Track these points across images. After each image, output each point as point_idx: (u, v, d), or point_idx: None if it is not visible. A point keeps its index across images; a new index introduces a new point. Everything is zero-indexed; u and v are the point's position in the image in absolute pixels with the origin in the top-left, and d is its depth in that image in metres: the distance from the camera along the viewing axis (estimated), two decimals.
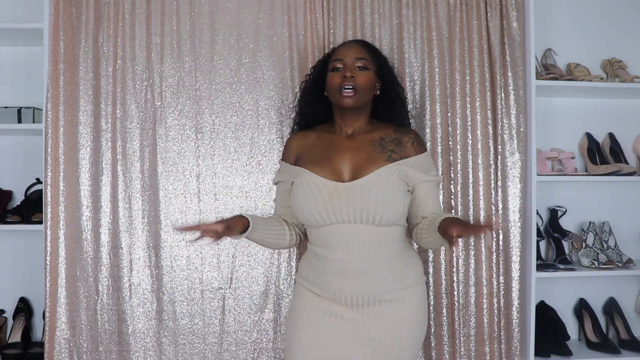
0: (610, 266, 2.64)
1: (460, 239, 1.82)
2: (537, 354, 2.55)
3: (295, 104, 2.12)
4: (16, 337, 2.51)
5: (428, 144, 2.48)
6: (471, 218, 2.50)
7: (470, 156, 2.51)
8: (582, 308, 2.82)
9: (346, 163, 1.87)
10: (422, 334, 1.92)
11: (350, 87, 1.86)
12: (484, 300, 2.50)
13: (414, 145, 1.93)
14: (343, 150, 1.90)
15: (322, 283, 1.86)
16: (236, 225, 1.80)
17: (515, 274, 2.51)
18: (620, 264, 2.65)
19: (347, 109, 1.89)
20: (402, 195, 1.85)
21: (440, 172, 2.48)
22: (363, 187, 1.81)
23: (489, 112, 2.52)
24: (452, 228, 1.62)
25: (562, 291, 2.83)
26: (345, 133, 1.94)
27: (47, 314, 2.35)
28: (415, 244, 2.14)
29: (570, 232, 2.78)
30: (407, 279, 1.89)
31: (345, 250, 1.82)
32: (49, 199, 2.33)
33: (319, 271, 1.87)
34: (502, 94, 2.52)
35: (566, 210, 2.81)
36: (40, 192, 2.54)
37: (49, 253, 2.34)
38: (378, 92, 1.97)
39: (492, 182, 2.52)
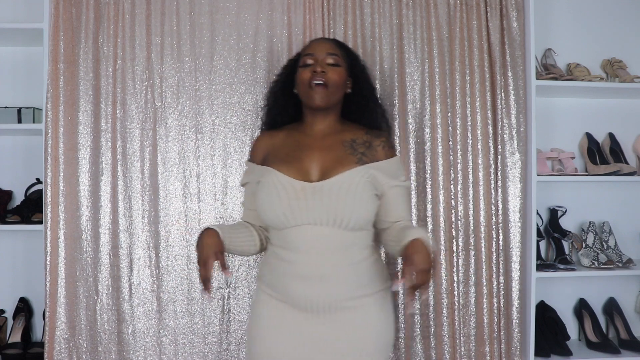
0: (610, 266, 2.64)
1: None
2: (537, 354, 2.55)
3: (264, 103, 2.02)
4: (16, 337, 2.51)
5: (428, 144, 2.49)
6: (471, 219, 2.50)
7: (470, 156, 2.51)
8: (582, 308, 2.82)
9: (315, 162, 1.77)
10: (388, 341, 1.83)
11: (321, 81, 1.77)
12: (484, 300, 2.50)
13: (384, 149, 1.83)
14: (312, 149, 1.80)
15: (283, 287, 1.77)
16: (219, 245, 1.67)
17: (515, 274, 2.51)
18: (620, 264, 2.65)
19: (317, 107, 1.80)
20: (371, 200, 1.75)
21: (412, 177, 2.45)
22: (331, 188, 1.71)
23: (489, 112, 2.52)
24: (406, 279, 1.52)
25: (562, 291, 2.83)
26: (315, 132, 1.85)
27: (47, 314, 2.35)
28: (382, 248, 2.06)
29: (570, 232, 2.78)
30: (372, 285, 1.79)
31: (309, 253, 1.72)
32: (49, 199, 2.33)
33: (280, 275, 1.78)
34: (502, 94, 2.53)
35: (566, 210, 2.81)
36: (40, 192, 2.55)
37: (49, 253, 2.34)
38: (349, 90, 1.88)
39: (492, 182, 2.52)
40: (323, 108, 1.82)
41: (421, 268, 1.53)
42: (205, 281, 1.61)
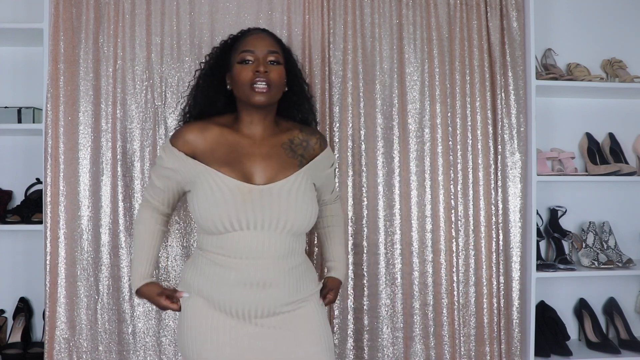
0: (610, 266, 2.64)
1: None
2: (537, 354, 2.55)
3: (189, 93, 1.89)
4: (16, 337, 2.51)
5: (428, 144, 2.49)
6: (471, 218, 2.50)
7: (470, 156, 2.51)
8: (582, 308, 2.82)
9: (257, 166, 1.73)
10: (331, 341, 1.81)
11: (264, 83, 1.69)
12: (484, 300, 2.50)
13: (319, 145, 1.84)
14: (253, 152, 1.75)
15: (219, 295, 1.69)
16: (157, 289, 1.81)
17: (515, 274, 2.51)
18: (620, 264, 2.66)
19: (258, 106, 1.73)
20: (313, 203, 1.75)
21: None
22: (279, 192, 1.69)
23: (489, 112, 2.52)
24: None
25: (562, 291, 2.83)
26: (253, 133, 1.77)
27: (47, 314, 2.35)
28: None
29: (570, 232, 2.78)
30: (308, 288, 1.78)
31: (252, 259, 1.67)
32: (49, 199, 2.33)
33: (215, 283, 1.70)
34: (502, 94, 2.53)
35: (566, 210, 2.81)
36: (40, 192, 2.54)
37: (49, 253, 2.34)
38: (286, 89, 1.81)
39: (492, 182, 2.52)
40: (264, 107, 1.74)
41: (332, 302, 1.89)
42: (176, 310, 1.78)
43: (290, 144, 1.80)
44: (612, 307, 2.82)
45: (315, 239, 2.39)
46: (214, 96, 1.82)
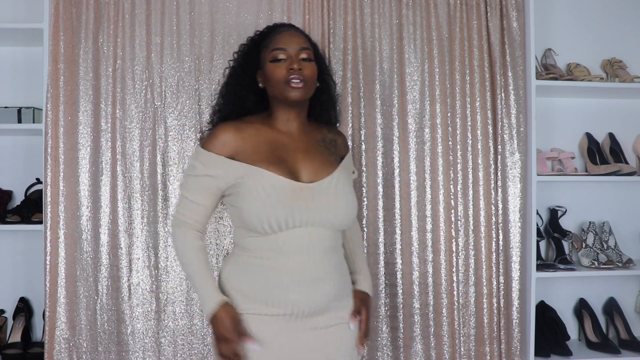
0: (610, 266, 2.64)
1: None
2: (537, 354, 2.55)
3: (217, 93, 1.85)
4: (16, 337, 2.51)
5: (428, 144, 2.49)
6: (471, 219, 2.50)
7: (470, 156, 2.51)
8: (582, 308, 2.82)
9: (301, 164, 1.70)
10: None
11: (300, 80, 1.67)
12: (484, 300, 2.50)
13: (344, 146, 1.86)
14: (294, 152, 1.72)
15: (274, 298, 1.65)
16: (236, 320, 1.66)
17: (515, 274, 2.51)
18: (620, 264, 2.65)
19: (294, 102, 1.70)
20: (355, 199, 1.76)
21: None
22: (328, 188, 1.68)
23: (489, 112, 2.52)
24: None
25: (562, 291, 2.83)
26: (290, 130, 1.74)
27: (47, 314, 2.35)
28: None
29: (570, 232, 2.78)
30: (349, 284, 1.80)
31: (304, 256, 1.65)
32: (49, 199, 2.33)
33: (271, 284, 1.65)
34: (502, 94, 2.53)
35: (566, 210, 2.81)
36: (40, 192, 2.54)
37: (48, 253, 2.34)
38: (318, 84, 1.78)
39: (492, 182, 2.52)
40: (300, 103, 1.72)
41: (367, 320, 1.79)
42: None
43: (323, 141, 1.80)
44: (612, 307, 2.81)
45: None
46: (244, 95, 1.77)
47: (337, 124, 1.92)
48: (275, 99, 1.73)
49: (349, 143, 2.44)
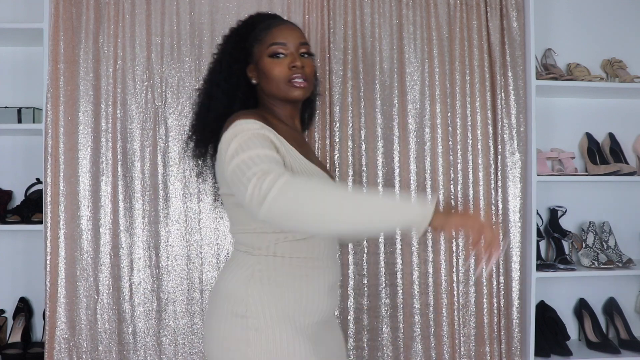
0: (610, 266, 2.63)
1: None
2: (537, 354, 2.55)
3: (201, 90, 1.66)
4: (16, 337, 2.51)
5: (428, 144, 2.49)
6: None
7: (470, 156, 2.51)
8: (582, 308, 2.82)
9: (315, 159, 1.60)
10: None
11: (302, 78, 1.54)
12: (484, 300, 2.50)
13: None
14: (307, 145, 1.64)
15: (311, 306, 1.51)
16: None
17: (515, 274, 2.51)
18: (620, 264, 2.65)
19: (295, 101, 1.58)
20: None
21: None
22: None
23: (489, 112, 2.52)
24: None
25: (562, 291, 2.83)
26: (296, 126, 1.63)
27: (47, 314, 2.35)
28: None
29: (570, 232, 2.78)
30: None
31: (329, 260, 1.56)
32: (49, 199, 2.33)
33: (309, 291, 1.51)
34: (502, 94, 2.53)
35: (566, 210, 2.81)
36: (40, 192, 2.54)
37: (49, 253, 2.34)
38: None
39: (492, 182, 2.52)
40: (300, 101, 1.61)
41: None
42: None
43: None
44: (612, 307, 2.81)
45: None
46: (233, 93, 1.59)
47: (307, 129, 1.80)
48: (271, 96, 1.59)
49: (349, 143, 2.44)
